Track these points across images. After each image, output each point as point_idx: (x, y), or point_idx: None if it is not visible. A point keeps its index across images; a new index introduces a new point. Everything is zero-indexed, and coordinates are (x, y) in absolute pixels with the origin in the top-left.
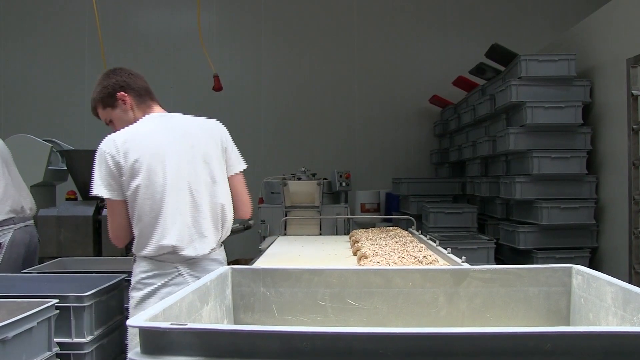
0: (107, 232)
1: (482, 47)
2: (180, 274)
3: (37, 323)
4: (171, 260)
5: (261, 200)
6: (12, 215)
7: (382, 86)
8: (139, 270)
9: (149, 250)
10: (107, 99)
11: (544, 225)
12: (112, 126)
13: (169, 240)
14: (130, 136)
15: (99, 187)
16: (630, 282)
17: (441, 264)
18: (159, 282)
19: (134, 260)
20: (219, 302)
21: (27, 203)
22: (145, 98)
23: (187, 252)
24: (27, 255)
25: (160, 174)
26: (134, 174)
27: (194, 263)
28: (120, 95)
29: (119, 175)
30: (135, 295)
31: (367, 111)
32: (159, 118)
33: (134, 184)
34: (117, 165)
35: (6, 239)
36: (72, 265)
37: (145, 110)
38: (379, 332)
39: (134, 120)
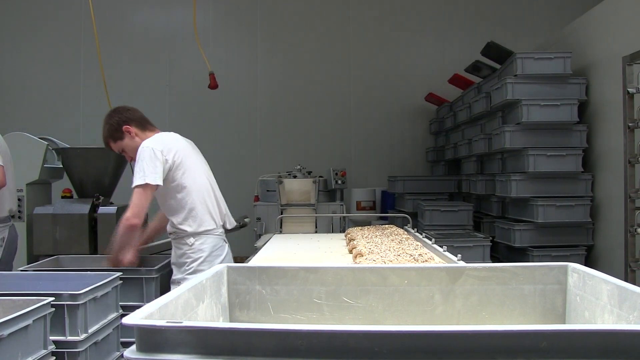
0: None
1: (477, 45)
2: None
3: (33, 321)
4: (221, 234)
5: (257, 198)
6: (7, 214)
7: (378, 84)
8: (210, 245)
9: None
10: (115, 134)
11: (540, 223)
12: (126, 154)
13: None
14: (166, 141)
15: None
16: (626, 280)
17: (437, 262)
18: (223, 252)
19: (190, 238)
20: (214, 300)
21: (15, 204)
22: (145, 124)
23: (229, 223)
24: (16, 250)
25: (193, 166)
26: (178, 166)
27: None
28: (125, 128)
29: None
30: (204, 268)
31: (363, 109)
32: (165, 134)
33: (184, 173)
34: (165, 159)
35: (5, 234)
36: (69, 263)
37: (149, 133)
38: (375, 330)
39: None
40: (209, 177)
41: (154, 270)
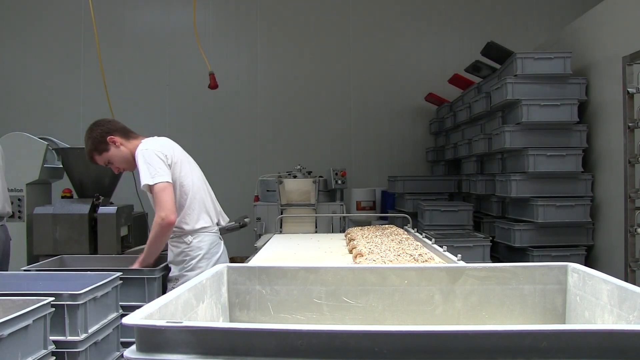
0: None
1: (477, 45)
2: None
3: (33, 321)
4: (217, 232)
5: (257, 198)
6: None
7: (378, 84)
8: (208, 243)
9: (207, 220)
10: (99, 146)
11: (540, 223)
12: (112, 166)
13: (217, 206)
14: (161, 143)
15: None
16: (625, 280)
17: (437, 262)
18: (220, 249)
19: (188, 237)
20: (214, 300)
21: (7, 206)
22: (128, 133)
23: (223, 220)
24: (3, 253)
25: (188, 165)
26: (176, 165)
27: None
28: (109, 138)
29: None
30: (202, 265)
31: (363, 109)
32: (157, 138)
33: (182, 171)
34: (165, 157)
35: None
36: (73, 263)
37: (134, 141)
38: (375, 330)
39: (129, 152)
40: (202, 175)
41: (157, 270)
